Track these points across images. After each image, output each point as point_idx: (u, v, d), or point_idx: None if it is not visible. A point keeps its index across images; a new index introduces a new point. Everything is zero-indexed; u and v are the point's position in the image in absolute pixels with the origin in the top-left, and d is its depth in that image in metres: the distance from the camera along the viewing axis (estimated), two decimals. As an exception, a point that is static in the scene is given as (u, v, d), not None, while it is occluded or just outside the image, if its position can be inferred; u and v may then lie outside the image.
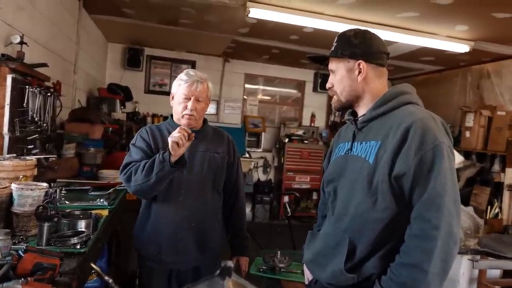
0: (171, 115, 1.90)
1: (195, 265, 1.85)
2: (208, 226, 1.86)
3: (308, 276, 1.48)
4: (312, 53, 1.44)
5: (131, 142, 1.87)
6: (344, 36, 1.32)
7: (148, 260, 1.85)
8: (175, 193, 1.77)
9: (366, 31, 1.32)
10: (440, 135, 1.14)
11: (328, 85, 1.37)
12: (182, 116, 1.80)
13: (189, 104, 1.78)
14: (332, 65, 1.34)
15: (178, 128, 1.64)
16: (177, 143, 1.58)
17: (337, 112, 6.65)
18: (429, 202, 1.09)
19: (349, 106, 1.35)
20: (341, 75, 1.31)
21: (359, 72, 1.28)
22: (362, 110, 1.33)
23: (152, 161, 1.65)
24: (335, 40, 1.34)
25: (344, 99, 1.33)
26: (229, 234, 2.01)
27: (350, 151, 1.31)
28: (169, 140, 1.60)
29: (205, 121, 1.94)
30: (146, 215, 1.84)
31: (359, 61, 1.28)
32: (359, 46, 1.28)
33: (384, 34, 3.90)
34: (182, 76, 1.83)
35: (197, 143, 1.84)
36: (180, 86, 1.80)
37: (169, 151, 1.60)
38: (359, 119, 1.31)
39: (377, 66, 1.30)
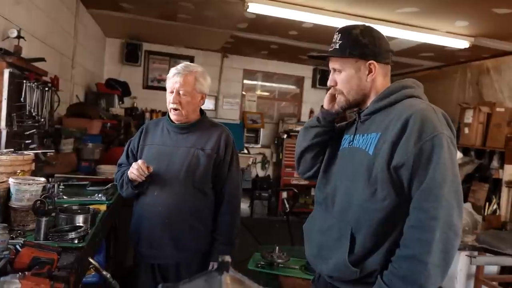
0: None
1: (174, 261, 1.82)
2: (186, 225, 1.79)
3: None
4: (311, 49, 1.43)
5: (132, 138, 1.99)
6: (350, 34, 1.28)
7: (136, 252, 1.90)
8: (151, 188, 1.79)
9: (371, 29, 1.30)
10: (440, 126, 1.14)
11: (330, 83, 1.33)
12: (170, 110, 1.81)
13: (171, 97, 1.78)
14: (336, 64, 1.31)
15: (138, 165, 1.70)
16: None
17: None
18: (427, 192, 1.08)
19: (356, 105, 1.34)
20: (348, 75, 1.29)
21: (369, 72, 1.27)
22: (365, 106, 1.33)
23: (122, 180, 1.83)
24: (337, 37, 1.30)
25: (352, 98, 1.31)
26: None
27: (352, 142, 1.32)
28: (128, 173, 1.75)
29: (202, 114, 1.91)
30: (134, 208, 1.90)
31: (370, 61, 1.26)
32: (368, 46, 1.26)
33: (384, 30, 3.82)
34: (171, 69, 1.84)
35: (185, 138, 1.82)
36: (168, 79, 1.83)
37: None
38: (362, 112, 1.32)
39: (384, 65, 1.30)
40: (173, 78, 1.78)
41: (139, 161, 1.71)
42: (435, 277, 1.06)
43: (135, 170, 1.69)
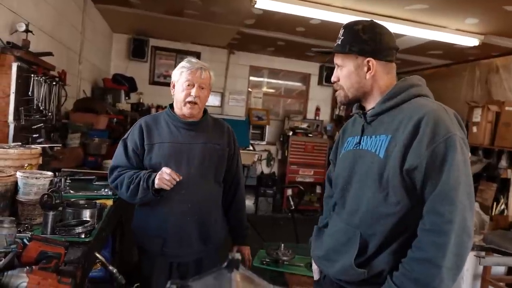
0: (170, 105, 1.87)
1: (198, 256, 1.84)
2: (212, 218, 1.85)
3: (316, 271, 1.47)
4: (318, 46, 1.42)
5: (123, 137, 1.85)
6: (351, 30, 1.26)
7: (149, 253, 1.83)
8: (177, 187, 1.69)
9: (374, 24, 1.27)
10: (453, 127, 1.11)
11: (333, 79, 1.33)
12: (185, 104, 1.77)
13: (193, 90, 1.75)
14: (338, 59, 1.30)
15: (169, 172, 1.62)
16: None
17: (342, 106, 6.62)
18: (442, 196, 1.06)
19: (355, 101, 1.33)
20: (348, 71, 1.27)
21: (368, 70, 1.25)
22: (370, 104, 1.30)
23: (137, 184, 1.68)
24: (341, 33, 1.29)
25: (351, 95, 1.30)
26: (230, 224, 2.00)
27: (358, 145, 1.29)
28: (157, 180, 1.63)
29: (205, 111, 1.91)
30: (148, 210, 1.81)
31: (368, 58, 1.24)
32: (368, 42, 1.23)
33: (392, 27, 3.83)
34: (184, 63, 1.81)
35: (197, 135, 1.82)
36: (182, 73, 1.78)
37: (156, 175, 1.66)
38: (368, 112, 1.28)
39: (386, 63, 1.27)
40: (196, 72, 1.76)
41: (167, 170, 1.63)
42: (448, 280, 1.05)
43: (167, 181, 1.62)
